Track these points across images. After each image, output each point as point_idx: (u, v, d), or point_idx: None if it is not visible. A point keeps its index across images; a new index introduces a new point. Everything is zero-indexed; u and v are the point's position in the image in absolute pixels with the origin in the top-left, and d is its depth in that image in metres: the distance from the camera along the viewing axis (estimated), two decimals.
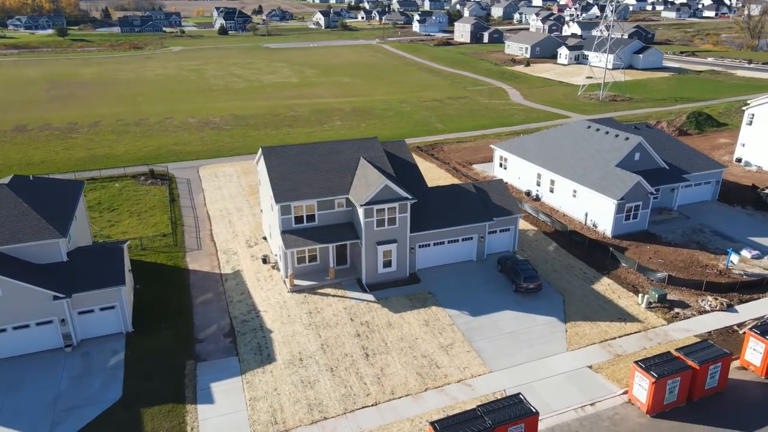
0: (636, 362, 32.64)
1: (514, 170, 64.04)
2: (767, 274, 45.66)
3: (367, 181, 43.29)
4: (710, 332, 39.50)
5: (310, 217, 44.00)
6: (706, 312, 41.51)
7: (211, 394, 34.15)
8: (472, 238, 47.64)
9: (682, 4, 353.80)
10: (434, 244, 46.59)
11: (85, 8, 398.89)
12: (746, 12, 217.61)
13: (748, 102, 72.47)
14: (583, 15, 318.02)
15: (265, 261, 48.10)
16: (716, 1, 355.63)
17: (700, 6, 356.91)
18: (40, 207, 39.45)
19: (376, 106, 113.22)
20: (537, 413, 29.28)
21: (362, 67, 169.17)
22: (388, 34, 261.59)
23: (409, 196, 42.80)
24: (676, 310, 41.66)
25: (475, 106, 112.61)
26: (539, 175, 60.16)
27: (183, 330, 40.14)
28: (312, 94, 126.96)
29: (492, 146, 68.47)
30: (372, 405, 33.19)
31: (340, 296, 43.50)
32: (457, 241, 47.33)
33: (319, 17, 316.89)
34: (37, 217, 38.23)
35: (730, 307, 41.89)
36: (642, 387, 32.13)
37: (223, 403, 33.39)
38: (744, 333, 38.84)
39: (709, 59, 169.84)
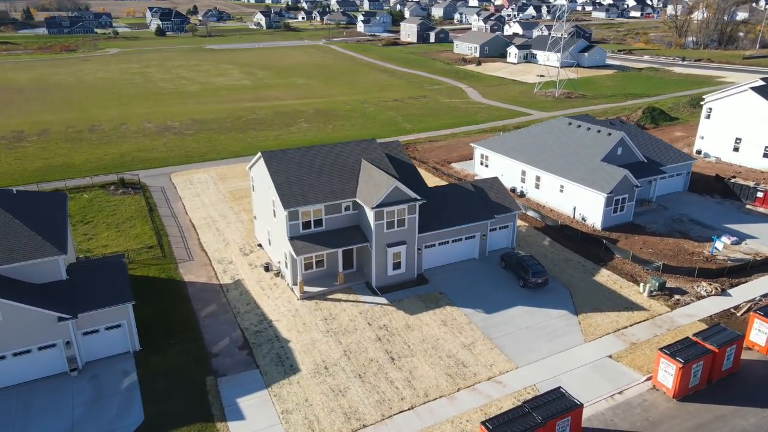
0: (661, 349, 33.87)
1: (496, 168, 65.09)
2: (749, 259, 48.55)
3: (375, 183, 42.83)
4: (711, 316, 41.57)
5: (318, 222, 43.08)
6: (703, 297, 43.66)
7: (239, 409, 32.83)
8: (474, 237, 48.11)
9: (610, 5, 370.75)
10: (439, 244, 46.72)
11: (4, 9, 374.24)
12: (674, 12, 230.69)
13: (704, 97, 76.83)
14: (520, 15, 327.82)
15: (267, 269, 46.69)
16: (639, 1, 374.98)
17: (626, 6, 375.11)
18: (32, 222, 36.65)
19: (338, 107, 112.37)
20: (581, 405, 29.92)
21: (314, 67, 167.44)
22: (333, 34, 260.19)
23: (418, 197, 42.71)
24: (676, 297, 43.58)
25: (437, 105, 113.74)
26: (524, 172, 61.47)
27: (193, 345, 38.40)
28: (270, 97, 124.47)
29: (472, 145, 69.36)
30: (408, 409, 32.88)
31: (353, 301, 42.84)
32: (461, 240, 47.66)
33: (260, 17, 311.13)
34: (32, 234, 35.51)
35: (723, 292, 44.24)
36: (668, 373, 33.38)
37: (254, 419, 32.18)
38: (745, 314, 41.17)
39: (646, 57, 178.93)
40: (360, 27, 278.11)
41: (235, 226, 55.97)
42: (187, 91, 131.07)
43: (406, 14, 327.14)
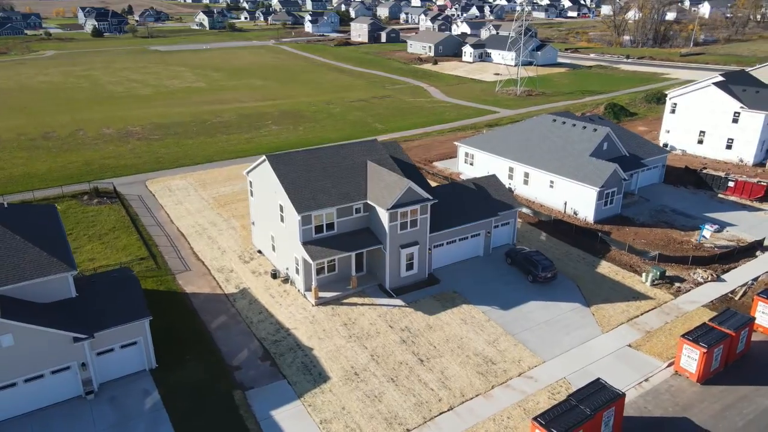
0: (683, 336, 35.15)
1: (482, 166, 65.83)
2: (734, 245, 51.19)
3: (386, 184, 42.39)
4: (712, 301, 43.52)
5: (329, 226, 42.20)
6: (701, 284, 45.66)
7: (275, 422, 31.74)
8: (479, 234, 48.47)
9: (548, 5, 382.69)
10: (447, 243, 46.79)
11: None
12: (612, 12, 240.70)
13: (666, 93, 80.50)
14: (464, 15, 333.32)
15: (274, 276, 45.36)
16: (575, 2, 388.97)
17: (563, 6, 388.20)
18: (33, 237, 34.12)
19: (304, 109, 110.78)
20: (624, 395, 30.61)
21: (269, 69, 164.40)
22: (281, 34, 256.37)
23: (430, 197, 42.61)
24: (677, 284, 45.39)
25: (403, 104, 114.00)
26: (511, 169, 62.45)
27: (211, 358, 36.85)
28: (230, 99, 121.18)
29: (456, 143, 69.89)
30: (448, 410, 32.73)
31: (369, 304, 42.25)
32: (467, 238, 47.91)
33: (202, 18, 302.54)
34: (37, 250, 33.07)
35: (718, 278, 46.42)
36: (691, 358, 34.67)
37: (293, 431, 31.17)
38: (743, 298, 43.31)
39: (592, 55, 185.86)
40: (308, 27, 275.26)
41: (228, 233, 54.10)
42: (141, 95, 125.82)
43: (352, 14, 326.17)
